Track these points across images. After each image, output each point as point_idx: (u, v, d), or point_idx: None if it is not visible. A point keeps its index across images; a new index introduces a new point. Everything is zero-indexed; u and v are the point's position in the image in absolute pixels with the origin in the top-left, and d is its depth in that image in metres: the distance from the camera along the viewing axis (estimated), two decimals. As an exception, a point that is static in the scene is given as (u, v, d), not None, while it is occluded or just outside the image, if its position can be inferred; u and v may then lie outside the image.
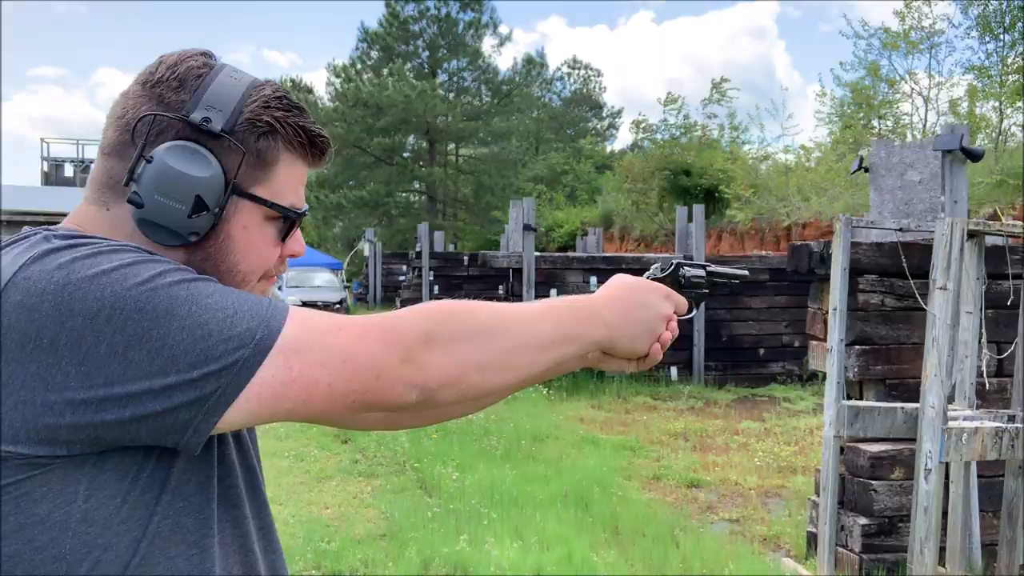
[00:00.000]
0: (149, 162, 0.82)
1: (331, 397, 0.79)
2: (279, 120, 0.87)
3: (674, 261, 1.16)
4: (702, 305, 1.19)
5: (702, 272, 1.18)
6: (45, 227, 0.83)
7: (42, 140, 24.35)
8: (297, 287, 21.38)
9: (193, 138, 0.84)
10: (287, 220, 0.91)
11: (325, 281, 22.23)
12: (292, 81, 35.53)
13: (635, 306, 1.00)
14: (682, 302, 1.07)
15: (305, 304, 20.06)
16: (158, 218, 0.82)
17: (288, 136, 0.88)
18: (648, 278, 1.09)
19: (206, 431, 0.76)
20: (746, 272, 1.25)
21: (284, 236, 0.92)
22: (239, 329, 0.76)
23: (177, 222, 0.83)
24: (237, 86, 0.86)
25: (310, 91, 33.90)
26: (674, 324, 1.05)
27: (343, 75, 31.16)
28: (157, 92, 0.85)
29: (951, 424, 3.67)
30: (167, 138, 0.84)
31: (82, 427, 0.73)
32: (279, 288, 22.00)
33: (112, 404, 0.72)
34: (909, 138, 17.23)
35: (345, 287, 23.06)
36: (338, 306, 20.44)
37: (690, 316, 1.13)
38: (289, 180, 0.90)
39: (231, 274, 0.88)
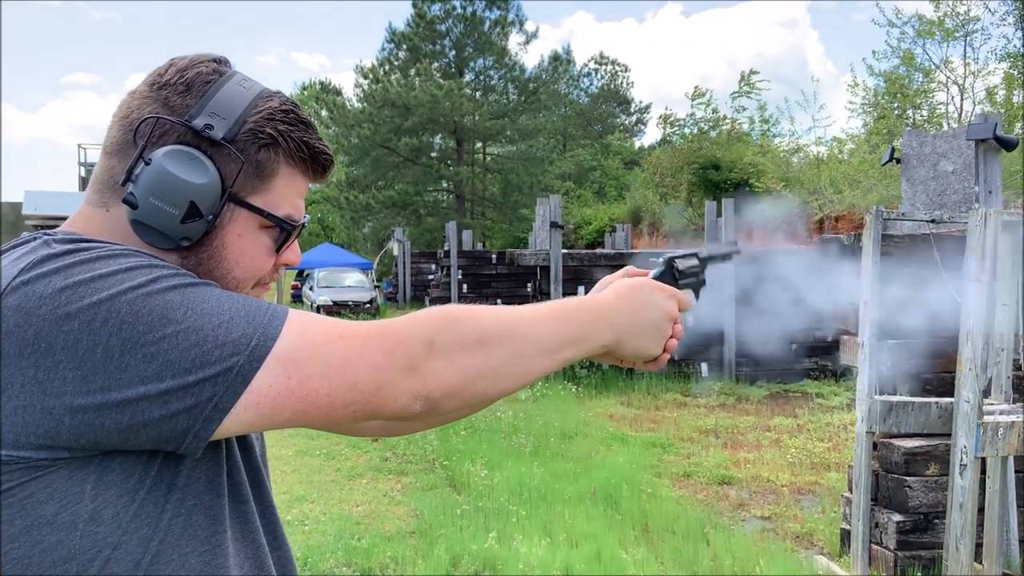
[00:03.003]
0: (148, 164, 0.82)
1: (331, 408, 0.78)
2: (282, 133, 0.87)
3: (666, 256, 1.16)
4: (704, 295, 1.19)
5: (694, 260, 1.17)
6: (44, 231, 0.84)
7: (79, 146, 24.68)
8: (328, 287, 21.61)
9: (194, 144, 0.84)
10: (283, 231, 0.91)
11: (355, 281, 22.44)
12: (321, 83, 35.90)
13: (641, 307, 0.99)
14: (684, 299, 1.06)
15: (336, 304, 20.33)
16: (151, 220, 0.82)
17: (289, 150, 0.88)
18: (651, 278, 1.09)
19: (206, 437, 0.75)
20: (738, 248, 1.27)
21: (279, 246, 0.92)
22: (235, 335, 0.75)
23: (170, 226, 0.83)
24: (244, 95, 0.87)
25: (338, 93, 34.20)
26: (679, 326, 1.04)
27: (371, 76, 31.36)
28: (163, 95, 0.85)
29: (987, 418, 3.60)
30: (168, 141, 0.84)
31: (82, 433, 0.72)
32: (310, 289, 22.26)
33: (110, 410, 0.72)
34: (945, 127, 16.89)
35: (375, 287, 23.24)
36: (368, 305, 20.62)
37: (693, 306, 1.12)
38: (287, 192, 0.90)
39: (224, 281, 0.88)
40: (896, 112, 18.86)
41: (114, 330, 0.72)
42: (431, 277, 21.48)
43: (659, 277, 1.11)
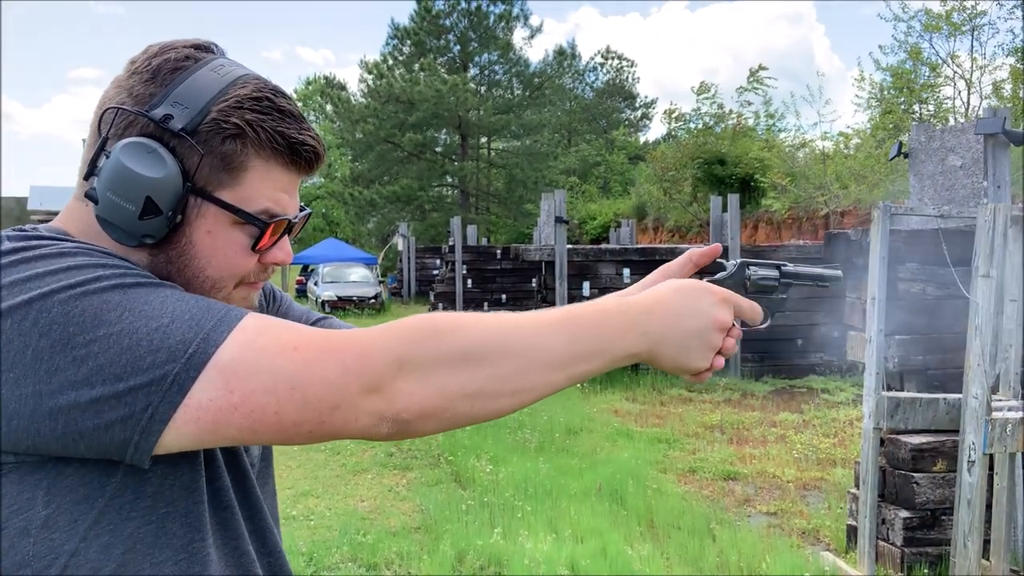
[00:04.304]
0: (108, 157, 0.78)
1: (281, 426, 0.72)
2: (250, 123, 0.80)
3: (738, 260, 0.98)
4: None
5: (774, 272, 0.98)
6: (16, 227, 0.81)
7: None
8: (332, 282, 21.64)
9: (157, 135, 0.79)
10: (258, 227, 0.83)
11: (360, 276, 22.46)
12: (325, 78, 35.89)
13: (683, 313, 0.85)
14: (748, 308, 0.91)
15: (341, 299, 20.34)
16: (111, 217, 0.78)
17: (259, 140, 0.81)
18: (706, 280, 0.94)
19: (148, 450, 0.70)
20: (839, 273, 1.02)
21: (255, 244, 0.84)
22: (172, 340, 0.70)
23: (128, 223, 0.78)
24: (214, 83, 0.80)
25: (343, 88, 34.18)
26: (737, 331, 0.90)
27: (375, 71, 31.33)
28: (130, 83, 0.81)
29: (995, 415, 3.58)
30: (132, 133, 0.79)
31: (20, 439, 0.69)
32: (315, 284, 22.28)
33: (43, 417, 0.68)
34: (951, 122, 16.82)
35: (380, 282, 23.25)
36: (373, 301, 20.63)
37: (764, 326, 0.94)
38: (263, 186, 0.82)
39: (198, 280, 0.83)
40: (902, 107, 18.78)
41: (43, 331, 0.68)
42: (436, 272, 21.48)
43: (722, 281, 0.96)
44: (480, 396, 0.75)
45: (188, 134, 0.78)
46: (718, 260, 1.00)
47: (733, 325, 0.89)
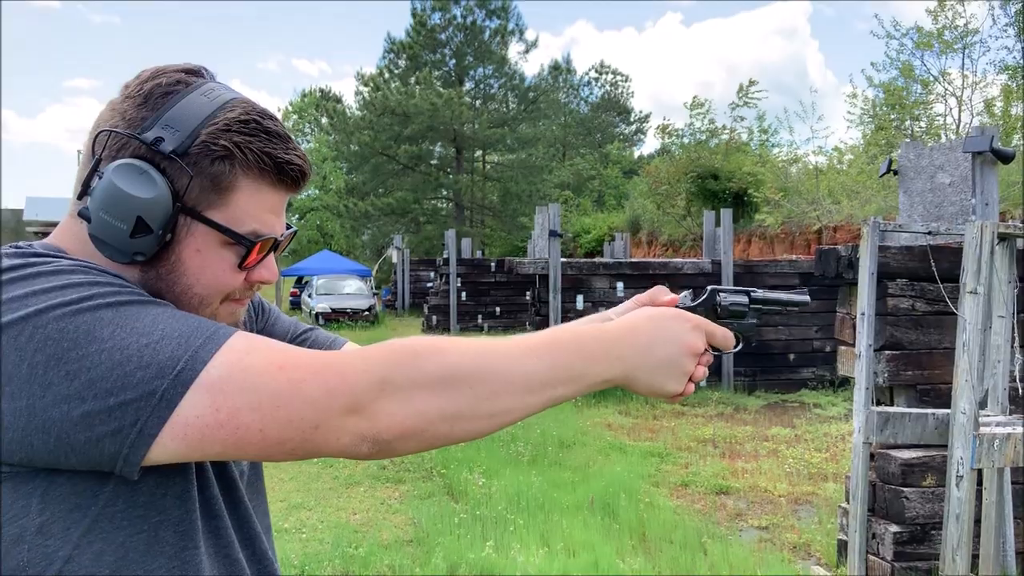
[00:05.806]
0: (100, 178, 0.81)
1: (265, 444, 0.75)
2: (238, 144, 0.83)
3: (708, 288, 1.02)
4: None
5: (743, 299, 1.01)
6: (12, 244, 0.83)
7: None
8: (327, 294, 21.62)
9: (148, 157, 0.82)
10: (247, 246, 0.86)
11: (354, 288, 22.45)
12: (321, 90, 36.04)
13: (656, 340, 0.89)
14: (719, 334, 0.95)
15: (335, 311, 20.33)
16: (103, 235, 0.81)
17: (247, 162, 0.84)
18: (678, 306, 0.97)
19: (136, 462, 0.72)
20: (806, 298, 1.06)
21: (242, 262, 0.87)
22: (161, 357, 0.72)
23: (119, 241, 0.81)
24: (204, 107, 0.84)
25: (339, 100, 34.36)
26: (708, 358, 0.94)
27: (371, 84, 31.50)
28: (123, 107, 0.84)
29: (983, 430, 3.61)
30: (125, 155, 0.82)
31: (13, 451, 0.71)
32: (309, 296, 22.26)
33: (36, 431, 0.70)
34: (943, 139, 16.97)
35: (374, 294, 23.24)
36: (367, 313, 20.62)
37: (736, 351, 1.00)
38: (251, 206, 0.85)
39: (186, 296, 0.85)
40: (895, 123, 18.95)
41: (38, 346, 0.70)
42: (430, 285, 21.50)
43: (694, 308, 0.99)
44: (459, 418, 0.78)
45: (178, 156, 0.81)
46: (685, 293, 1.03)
47: (705, 351, 0.93)
